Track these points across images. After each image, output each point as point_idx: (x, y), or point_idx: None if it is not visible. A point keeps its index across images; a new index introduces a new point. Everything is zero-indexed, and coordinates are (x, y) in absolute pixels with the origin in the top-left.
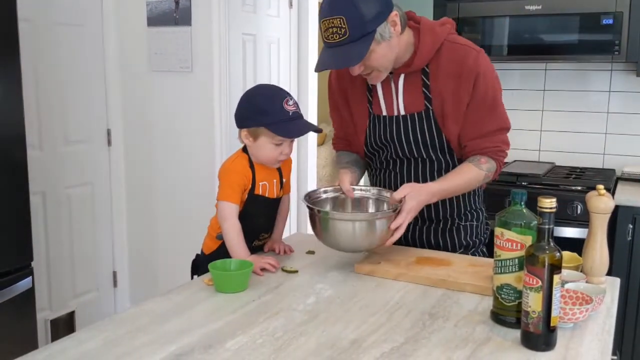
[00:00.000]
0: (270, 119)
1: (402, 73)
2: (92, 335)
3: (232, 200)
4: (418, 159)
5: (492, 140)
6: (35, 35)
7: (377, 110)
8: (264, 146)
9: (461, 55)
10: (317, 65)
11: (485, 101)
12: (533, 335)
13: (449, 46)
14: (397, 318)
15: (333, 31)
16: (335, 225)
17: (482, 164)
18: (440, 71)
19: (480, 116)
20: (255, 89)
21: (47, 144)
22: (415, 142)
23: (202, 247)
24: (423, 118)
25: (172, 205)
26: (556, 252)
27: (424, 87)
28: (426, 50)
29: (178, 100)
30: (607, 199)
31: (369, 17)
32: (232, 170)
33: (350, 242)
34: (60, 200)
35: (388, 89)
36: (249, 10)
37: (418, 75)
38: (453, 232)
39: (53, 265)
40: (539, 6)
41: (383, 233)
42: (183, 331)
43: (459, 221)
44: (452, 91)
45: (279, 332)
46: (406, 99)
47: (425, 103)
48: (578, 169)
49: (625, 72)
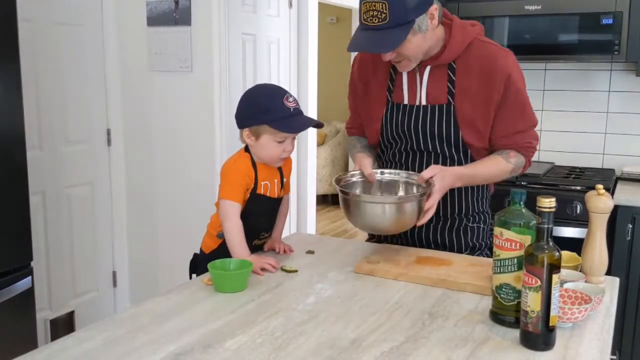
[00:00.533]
0: (272, 116)
1: (429, 65)
2: (92, 335)
3: (235, 199)
4: (432, 153)
5: (522, 137)
6: (36, 35)
7: (397, 98)
8: (267, 144)
9: (491, 55)
10: (351, 45)
11: (516, 101)
12: (532, 334)
13: (479, 45)
14: (397, 318)
15: (373, 14)
16: (367, 208)
17: (510, 158)
18: (468, 68)
19: (512, 116)
20: (255, 89)
21: (47, 144)
22: (432, 134)
23: (201, 246)
24: (444, 112)
25: (171, 205)
26: (555, 251)
27: (449, 82)
28: (456, 46)
29: (178, 100)
30: (607, 199)
31: (411, 5)
32: (235, 169)
33: (381, 223)
34: (60, 200)
35: (413, 79)
36: (248, 10)
37: (444, 70)
38: (460, 232)
39: (53, 265)
40: (539, 6)
41: (414, 214)
42: (183, 331)
43: (466, 222)
44: (478, 89)
45: (278, 332)
46: (429, 91)
47: (448, 97)
48: (578, 169)
49: (625, 71)
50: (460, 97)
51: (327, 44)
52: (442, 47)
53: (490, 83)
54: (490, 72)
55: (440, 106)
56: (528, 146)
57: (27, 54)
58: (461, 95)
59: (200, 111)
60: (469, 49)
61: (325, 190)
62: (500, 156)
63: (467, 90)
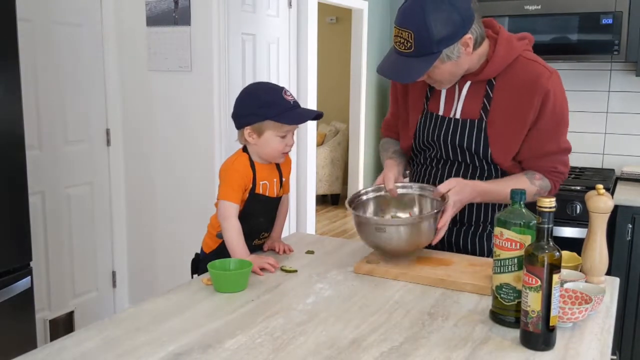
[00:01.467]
0: (275, 110)
1: (469, 80)
2: (91, 335)
3: (233, 199)
4: (462, 163)
5: (551, 160)
6: (35, 35)
7: (433, 108)
8: (270, 140)
9: (534, 73)
10: (379, 68)
11: (551, 122)
12: (532, 334)
13: (523, 62)
14: (397, 318)
15: (400, 41)
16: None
17: (536, 180)
18: (508, 85)
19: (543, 136)
20: (252, 87)
21: (47, 144)
22: (461, 147)
23: (202, 245)
24: (475, 127)
25: (171, 205)
26: (555, 251)
27: (485, 98)
28: (499, 62)
29: (177, 100)
30: (607, 199)
31: (437, 37)
32: (233, 170)
33: (397, 246)
34: (59, 200)
35: (451, 92)
36: (248, 10)
37: (483, 85)
38: (484, 238)
39: (52, 265)
40: (538, 6)
41: (428, 233)
42: (182, 331)
43: (490, 228)
44: (515, 107)
45: (278, 332)
46: (466, 105)
47: (481, 113)
48: (577, 169)
49: (624, 71)
50: (494, 114)
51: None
52: (484, 62)
53: (528, 101)
54: (530, 90)
55: (472, 121)
56: (553, 171)
57: (26, 54)
58: (496, 112)
59: (199, 111)
60: (513, 65)
61: (325, 190)
62: (526, 176)
63: (503, 107)
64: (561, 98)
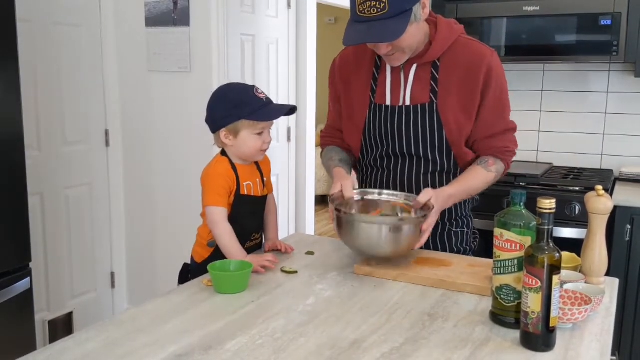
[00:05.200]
0: (248, 109)
1: (415, 63)
2: (92, 336)
3: (220, 204)
4: (414, 157)
5: (502, 140)
6: (34, 35)
7: (380, 99)
8: (247, 139)
9: (477, 53)
10: (348, 38)
11: (497, 101)
12: (532, 335)
13: (464, 42)
14: (397, 319)
15: (371, 4)
16: (362, 229)
17: (490, 166)
18: (453, 65)
19: (491, 116)
20: (221, 90)
21: (46, 145)
22: (415, 135)
23: (193, 254)
24: (426, 111)
25: (170, 205)
26: (555, 252)
27: (432, 80)
28: (443, 41)
29: (176, 100)
30: (606, 200)
31: None
32: (216, 174)
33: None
34: (58, 201)
35: (397, 79)
36: (247, 10)
37: (428, 68)
38: (444, 238)
39: (51, 266)
40: (537, 7)
41: (412, 238)
42: (183, 332)
43: (449, 226)
44: (461, 86)
45: (278, 333)
46: (414, 90)
47: (431, 95)
48: (576, 170)
49: (623, 72)
50: (442, 94)
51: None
52: (428, 44)
53: (474, 78)
54: (474, 67)
55: (423, 105)
56: (506, 150)
57: (25, 55)
58: (444, 92)
59: (198, 112)
60: (454, 46)
61: (324, 191)
62: (481, 166)
63: (450, 87)
64: (502, 76)
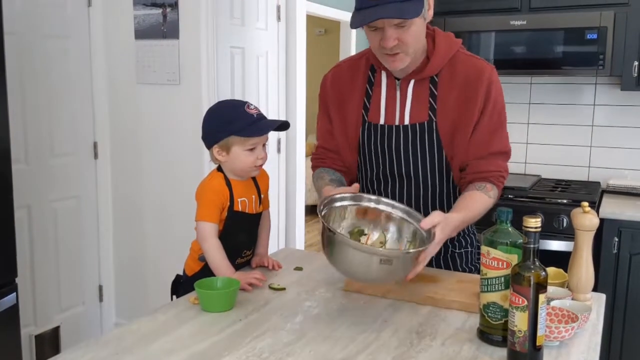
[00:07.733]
0: (238, 125)
1: (413, 79)
2: (77, 356)
3: (210, 219)
4: (412, 179)
5: (496, 165)
6: (22, 47)
7: (373, 118)
8: (239, 155)
9: (477, 67)
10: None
11: (495, 119)
12: (519, 354)
13: (463, 57)
14: (385, 337)
15: None
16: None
17: (489, 192)
18: (452, 80)
19: (488, 134)
20: (215, 106)
21: (33, 157)
22: (414, 156)
23: (185, 267)
24: (425, 130)
25: (158, 218)
26: (542, 271)
27: (431, 97)
28: (442, 56)
29: (165, 113)
30: (592, 216)
31: None
32: (209, 189)
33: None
34: (45, 214)
35: (392, 96)
36: (237, 23)
37: (426, 84)
38: (448, 260)
39: (38, 280)
40: (524, 21)
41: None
42: (168, 352)
43: (452, 248)
44: (462, 102)
45: (265, 353)
46: (413, 108)
47: (430, 114)
48: (564, 182)
49: (609, 85)
50: (442, 112)
51: (316, 56)
52: (425, 59)
53: (473, 95)
54: (474, 83)
55: (422, 124)
56: (499, 175)
57: (13, 67)
58: (443, 110)
59: (188, 124)
60: (453, 61)
61: (314, 201)
62: (481, 191)
63: (450, 104)
64: (501, 93)
